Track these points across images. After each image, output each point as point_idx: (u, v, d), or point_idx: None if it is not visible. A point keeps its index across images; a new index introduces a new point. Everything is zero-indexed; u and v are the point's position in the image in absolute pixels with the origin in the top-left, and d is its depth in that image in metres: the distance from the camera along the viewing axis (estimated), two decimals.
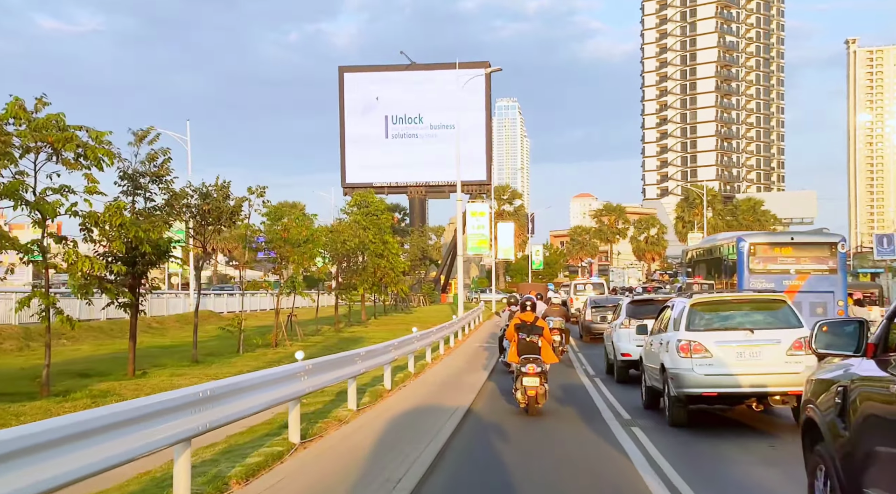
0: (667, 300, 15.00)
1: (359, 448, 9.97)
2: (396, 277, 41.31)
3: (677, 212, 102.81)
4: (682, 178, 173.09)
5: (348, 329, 36.42)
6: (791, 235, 26.15)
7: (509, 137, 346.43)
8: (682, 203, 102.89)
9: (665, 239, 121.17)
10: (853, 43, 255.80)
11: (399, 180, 68.65)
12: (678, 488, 8.02)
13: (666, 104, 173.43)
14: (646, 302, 19.64)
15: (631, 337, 16.58)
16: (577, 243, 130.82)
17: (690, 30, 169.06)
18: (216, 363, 21.44)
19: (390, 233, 42.40)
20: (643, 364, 13.79)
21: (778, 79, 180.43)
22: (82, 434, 5.45)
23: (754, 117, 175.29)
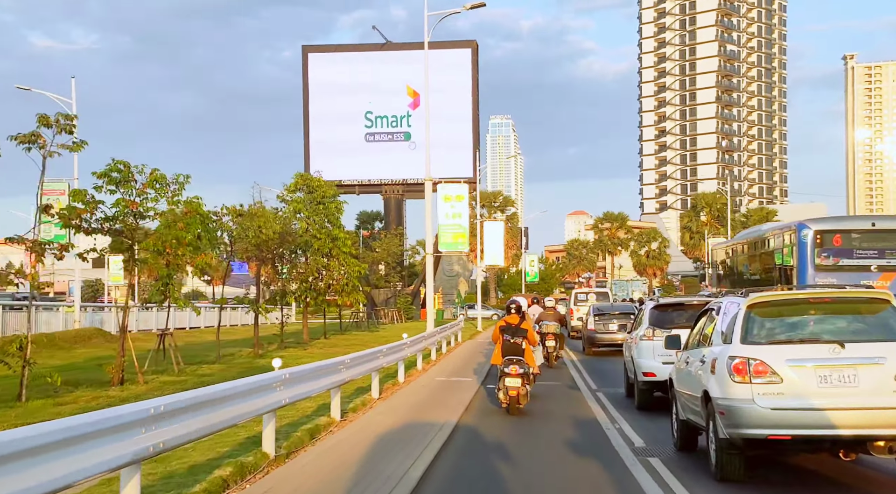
0: (704, 303, 12.20)
1: None
2: (350, 284, 30.79)
3: (683, 222, 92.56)
4: (681, 191, 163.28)
5: (276, 353, 26.03)
6: (871, 220, 19.80)
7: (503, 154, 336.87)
8: (690, 213, 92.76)
9: (667, 253, 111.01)
10: (851, 58, 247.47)
11: (372, 177, 58.38)
12: None
13: (665, 116, 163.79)
14: (675, 307, 15.18)
15: (656, 352, 13.34)
16: (574, 257, 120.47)
17: (690, 38, 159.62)
18: None
19: (340, 226, 31.85)
20: (674, 390, 10.33)
21: (780, 90, 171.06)
22: None
23: (756, 129, 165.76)
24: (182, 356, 19.95)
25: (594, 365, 21.96)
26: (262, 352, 25.55)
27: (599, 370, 20.31)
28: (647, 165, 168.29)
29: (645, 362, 13.61)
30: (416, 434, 11.08)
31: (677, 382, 10.33)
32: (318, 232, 30.18)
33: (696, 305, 14.25)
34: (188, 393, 7.38)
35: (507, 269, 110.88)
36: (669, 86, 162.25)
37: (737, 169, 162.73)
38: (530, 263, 67.98)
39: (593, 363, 22.57)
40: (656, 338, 13.45)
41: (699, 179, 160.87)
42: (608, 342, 24.97)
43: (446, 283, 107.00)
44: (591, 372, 19.89)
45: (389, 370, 18.18)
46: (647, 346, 13.81)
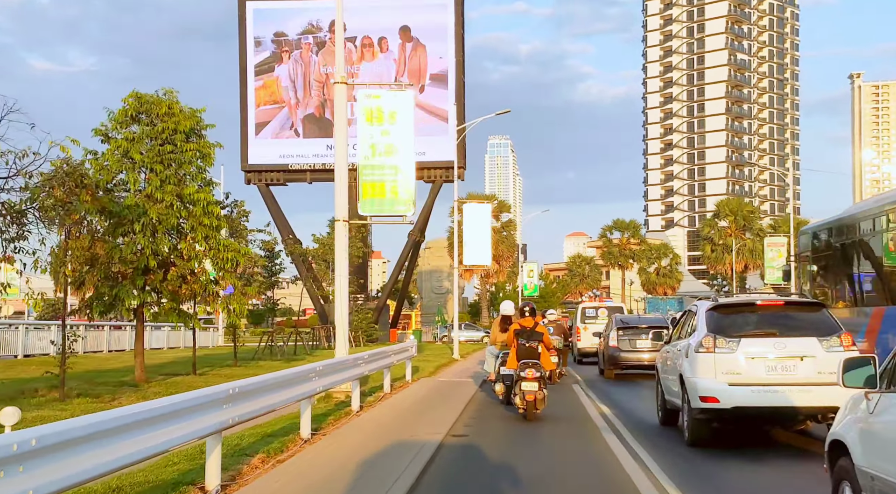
0: (781, 304, 10.28)
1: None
2: (205, 281, 17.41)
3: (705, 232, 78.83)
4: (688, 208, 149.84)
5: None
6: None
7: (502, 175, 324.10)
8: (710, 222, 79.14)
9: (679, 271, 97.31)
10: (858, 77, 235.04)
11: (329, 162, 44.99)
12: None
13: (671, 128, 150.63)
14: (742, 308, 10.34)
15: (720, 368, 9.52)
16: (577, 274, 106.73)
17: (698, 47, 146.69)
18: None
19: (205, 183, 18.27)
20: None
21: (792, 102, 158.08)
22: None
23: (767, 143, 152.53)
24: None
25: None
26: None
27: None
28: (652, 180, 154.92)
29: (704, 382, 9.58)
30: None
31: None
32: (158, 191, 16.62)
33: (772, 305, 10.22)
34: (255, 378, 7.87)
35: (503, 285, 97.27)
36: (676, 96, 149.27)
37: (748, 184, 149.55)
38: (529, 272, 54.26)
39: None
40: (720, 350, 9.59)
41: (707, 195, 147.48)
42: (635, 364, 20.25)
43: (435, 301, 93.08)
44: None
45: None
46: (707, 361, 9.59)
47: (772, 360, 9.35)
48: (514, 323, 13.20)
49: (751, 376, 9.33)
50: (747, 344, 9.49)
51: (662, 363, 12.02)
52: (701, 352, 9.69)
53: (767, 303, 10.36)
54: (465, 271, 75.08)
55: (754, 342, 9.51)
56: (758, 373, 9.31)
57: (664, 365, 11.80)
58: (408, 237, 44.07)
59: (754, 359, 9.37)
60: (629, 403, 15.18)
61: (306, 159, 43.38)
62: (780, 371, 9.29)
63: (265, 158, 43.29)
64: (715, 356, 9.52)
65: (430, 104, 42.95)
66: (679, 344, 10.97)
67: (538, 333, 12.67)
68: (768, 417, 9.89)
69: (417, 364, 23.75)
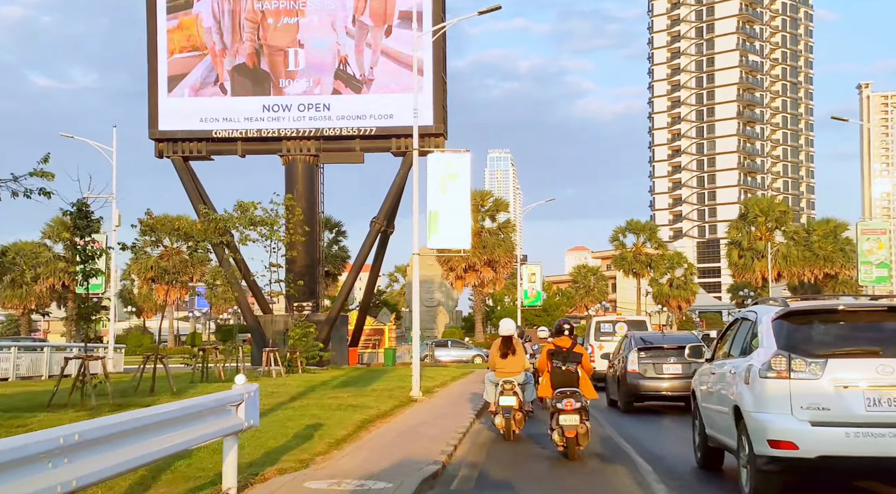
0: (888, 309, 7.51)
1: None
2: None
3: (732, 236, 67.31)
4: (698, 217, 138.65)
5: None
6: None
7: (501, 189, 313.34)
8: (738, 223, 67.63)
9: (694, 283, 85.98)
10: (866, 88, 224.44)
11: (267, 128, 33.73)
12: None
13: (679, 133, 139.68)
14: (828, 316, 7.47)
15: (796, 400, 6.90)
16: (582, 286, 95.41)
17: (708, 48, 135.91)
18: None
19: None
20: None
21: (806, 107, 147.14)
22: None
23: (780, 150, 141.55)
24: None
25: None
26: None
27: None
28: (659, 188, 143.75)
29: (774, 420, 6.86)
30: None
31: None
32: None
33: (870, 311, 7.63)
34: None
35: (501, 296, 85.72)
36: (684, 100, 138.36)
37: (760, 192, 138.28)
38: (530, 277, 42.51)
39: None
40: (798, 374, 6.82)
41: (717, 204, 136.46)
42: (661, 394, 15.82)
43: (424, 314, 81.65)
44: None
45: None
46: (779, 390, 6.87)
47: (874, 389, 6.60)
48: (548, 343, 11.37)
49: (844, 412, 6.64)
50: (837, 367, 6.72)
51: (702, 388, 9.10)
52: (770, 377, 6.93)
53: (863, 308, 7.66)
54: (457, 279, 63.73)
55: (848, 364, 6.77)
56: (854, 408, 6.62)
57: (705, 392, 8.92)
58: (371, 225, 32.77)
59: (848, 388, 6.66)
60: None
61: (237, 124, 32.10)
62: (886, 406, 6.58)
63: (182, 123, 31.98)
64: (791, 383, 6.81)
65: (399, 51, 31.74)
66: (730, 364, 8.04)
67: (577, 354, 10.66)
68: (869, 470, 6.98)
69: (326, 420, 12.63)
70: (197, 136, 32.08)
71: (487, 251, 61.06)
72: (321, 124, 32.27)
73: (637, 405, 16.40)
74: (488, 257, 61.15)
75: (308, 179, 32.82)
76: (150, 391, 17.34)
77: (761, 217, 65.39)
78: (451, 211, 18.90)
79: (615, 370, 17.25)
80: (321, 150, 32.71)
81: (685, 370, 15.24)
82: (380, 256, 34.04)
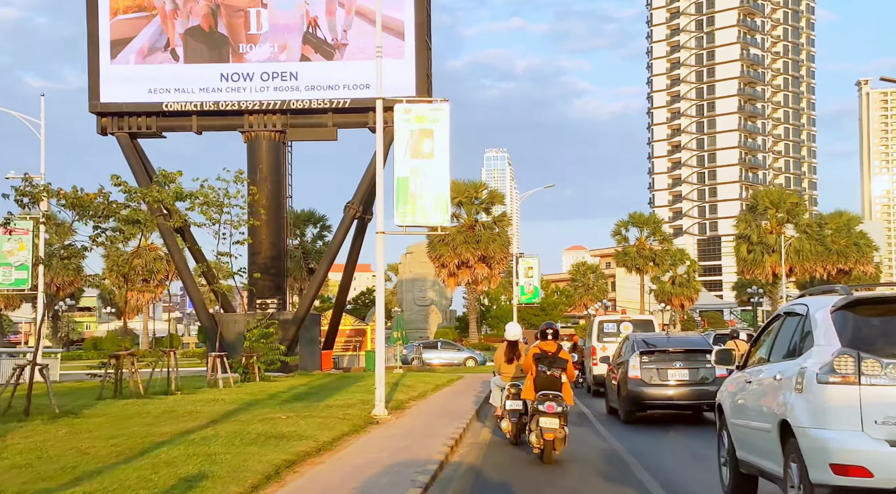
0: None
1: None
2: None
3: (740, 229, 62.90)
4: (698, 214, 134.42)
5: None
6: None
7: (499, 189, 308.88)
8: (747, 216, 63.32)
9: (697, 280, 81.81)
10: (865, 84, 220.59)
11: (226, 100, 29.44)
12: None
13: (679, 129, 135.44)
14: None
15: (875, 411, 5.40)
16: (581, 285, 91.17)
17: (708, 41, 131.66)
18: None
19: None
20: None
21: (808, 101, 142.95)
22: None
23: (782, 145, 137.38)
24: None
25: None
26: None
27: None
28: (658, 185, 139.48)
29: (840, 438, 5.47)
30: None
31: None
32: None
33: None
34: None
35: (497, 295, 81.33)
36: (684, 95, 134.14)
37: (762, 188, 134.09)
38: (527, 270, 37.98)
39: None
40: (871, 379, 5.43)
41: (718, 201, 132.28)
42: (666, 403, 14.46)
43: (417, 314, 77.34)
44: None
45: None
46: (845, 399, 5.49)
47: None
48: (534, 347, 10.89)
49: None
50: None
51: (733, 401, 7.61)
52: (832, 383, 5.51)
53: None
54: (449, 276, 59.35)
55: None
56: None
57: (737, 405, 7.46)
58: (345, 211, 28.42)
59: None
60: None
61: (191, 96, 27.69)
62: None
63: (127, 94, 27.57)
64: (861, 390, 5.39)
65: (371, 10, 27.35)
66: (772, 370, 6.60)
67: (562, 360, 10.59)
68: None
69: (219, 466, 8.33)
70: (145, 109, 27.71)
71: (482, 247, 56.78)
72: (288, 96, 27.92)
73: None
74: (482, 252, 56.85)
75: (273, 158, 28.46)
76: (25, 413, 12.97)
77: (772, 209, 61.11)
78: (426, 177, 14.60)
79: (615, 376, 15.61)
80: (288, 125, 28.36)
81: (693, 377, 14.15)
82: (357, 246, 29.68)
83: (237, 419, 12.77)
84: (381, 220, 14.84)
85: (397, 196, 14.66)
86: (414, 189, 14.55)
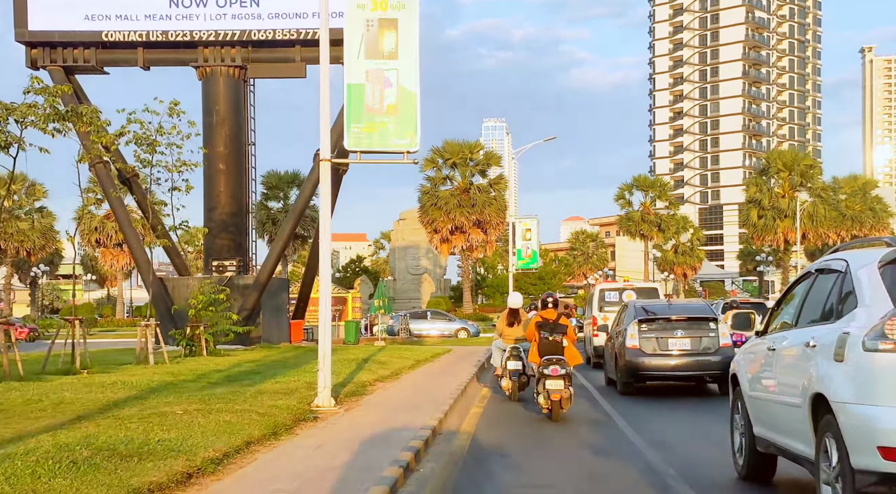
0: None
1: None
2: None
3: (751, 193, 58.87)
4: (700, 183, 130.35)
5: None
6: None
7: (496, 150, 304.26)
8: (758, 179, 59.32)
9: (700, 249, 78.20)
10: (869, 51, 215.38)
11: (177, 29, 25.47)
12: None
13: (682, 95, 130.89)
14: None
15: None
16: (580, 253, 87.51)
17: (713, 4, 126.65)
18: None
19: None
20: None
21: (814, 67, 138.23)
22: None
23: (787, 112, 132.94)
24: None
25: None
26: None
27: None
28: (659, 153, 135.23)
29: (891, 415, 4.58)
30: None
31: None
32: None
33: None
34: None
35: (493, 263, 77.57)
36: (687, 60, 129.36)
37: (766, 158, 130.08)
38: (524, 232, 34.02)
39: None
40: None
41: (721, 168, 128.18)
42: (665, 374, 13.62)
43: (410, 283, 73.56)
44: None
45: None
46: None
47: None
48: (536, 315, 11.66)
49: None
50: None
51: (751, 371, 6.75)
52: (883, 350, 4.64)
53: None
54: (442, 242, 55.47)
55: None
56: None
57: (756, 375, 6.60)
58: (314, 159, 24.43)
59: None
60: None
61: (135, 24, 23.58)
62: None
63: (61, 21, 23.44)
64: None
65: None
66: (802, 336, 5.67)
67: (562, 326, 11.24)
68: None
69: None
70: (81, 38, 23.62)
71: (476, 211, 52.88)
72: (248, 25, 23.82)
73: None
74: (477, 216, 52.96)
75: (232, 98, 24.42)
76: None
77: (784, 172, 57.09)
78: (387, 86, 10.65)
79: (613, 345, 14.92)
80: (249, 59, 24.28)
81: (695, 346, 13.43)
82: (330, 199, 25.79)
83: (113, 414, 8.96)
84: (325, 143, 10.92)
85: (348, 111, 10.75)
86: (371, 102, 10.62)
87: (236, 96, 24.40)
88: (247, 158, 25.05)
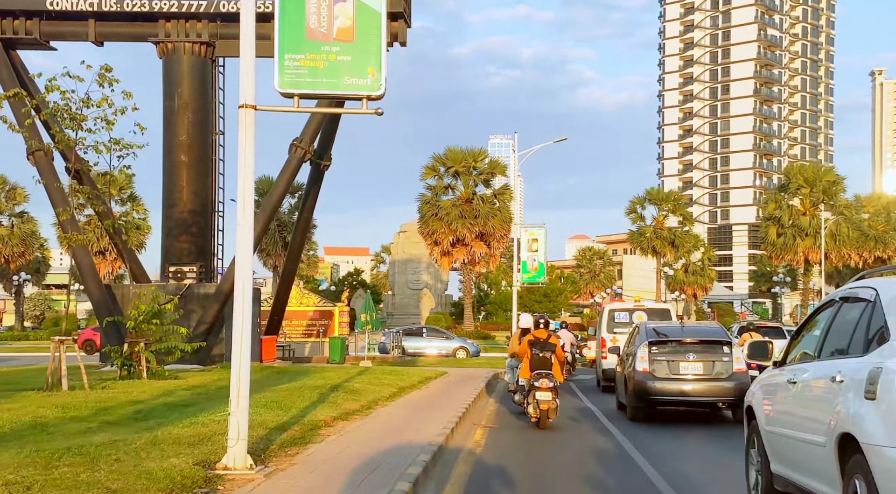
0: None
1: None
2: None
3: (770, 210, 55.28)
4: (709, 202, 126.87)
5: None
6: None
7: None
8: (777, 195, 55.80)
9: (711, 269, 74.62)
10: (879, 74, 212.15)
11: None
12: None
13: (691, 112, 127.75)
14: None
15: None
16: (587, 271, 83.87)
17: (724, 20, 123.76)
18: None
19: None
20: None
21: (826, 86, 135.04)
22: None
23: (798, 132, 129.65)
24: None
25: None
26: None
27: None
28: (668, 171, 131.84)
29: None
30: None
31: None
32: None
33: None
34: None
35: (496, 279, 74.07)
36: (697, 77, 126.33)
37: (777, 177, 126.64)
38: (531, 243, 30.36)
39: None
40: None
41: (731, 188, 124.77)
42: (676, 399, 13.15)
43: (409, 298, 70.07)
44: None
45: None
46: None
47: None
48: (529, 335, 12.82)
49: None
50: None
51: (768, 402, 6.36)
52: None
53: None
54: (443, 255, 52.00)
55: None
56: None
57: (775, 410, 6.20)
58: (290, 150, 20.96)
59: None
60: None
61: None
62: None
63: None
64: None
65: None
66: (826, 369, 5.27)
67: (551, 344, 12.42)
68: None
69: None
70: (22, 6, 20.32)
71: (479, 222, 49.47)
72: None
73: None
74: (480, 228, 49.54)
75: (198, 79, 21.05)
76: None
77: (805, 188, 53.55)
78: (339, 0, 7.23)
79: (623, 368, 14.45)
80: (217, 35, 20.94)
81: (707, 370, 12.91)
82: (311, 196, 22.33)
83: None
84: (247, 86, 7.45)
85: (280, 36, 7.32)
86: (315, 23, 7.20)
87: (202, 78, 21.03)
88: (214, 150, 21.64)
